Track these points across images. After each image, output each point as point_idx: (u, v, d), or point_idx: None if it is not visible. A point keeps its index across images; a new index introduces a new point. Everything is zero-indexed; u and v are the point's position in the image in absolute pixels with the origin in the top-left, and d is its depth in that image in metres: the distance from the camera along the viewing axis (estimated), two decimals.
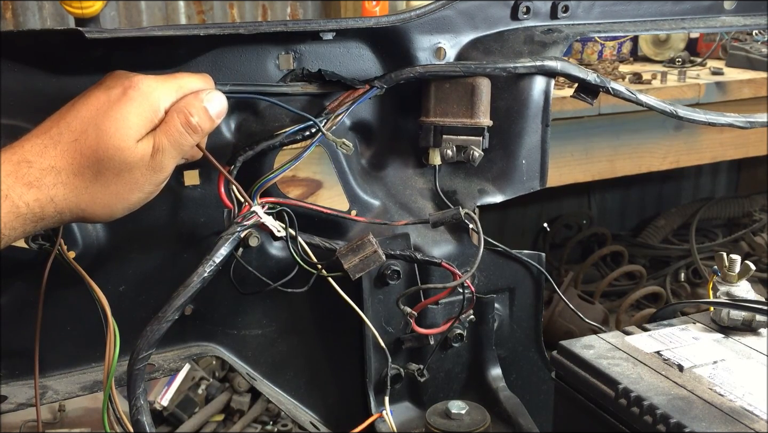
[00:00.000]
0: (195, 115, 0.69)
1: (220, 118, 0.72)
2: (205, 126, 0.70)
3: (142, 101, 0.68)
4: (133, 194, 0.69)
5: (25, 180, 0.64)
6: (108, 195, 0.67)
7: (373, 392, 0.94)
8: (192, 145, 0.71)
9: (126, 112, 0.67)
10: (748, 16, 1.06)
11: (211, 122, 0.71)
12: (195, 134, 0.70)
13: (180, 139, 0.69)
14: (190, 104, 0.70)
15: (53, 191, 0.65)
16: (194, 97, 0.71)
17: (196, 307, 0.89)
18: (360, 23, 0.84)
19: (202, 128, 0.70)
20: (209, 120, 0.71)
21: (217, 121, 0.72)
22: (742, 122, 1.01)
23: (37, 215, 0.65)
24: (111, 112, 0.67)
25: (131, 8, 2.15)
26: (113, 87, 0.69)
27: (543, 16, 0.95)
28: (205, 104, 0.70)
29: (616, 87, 0.91)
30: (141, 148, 0.67)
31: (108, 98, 0.68)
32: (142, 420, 0.73)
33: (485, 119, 0.88)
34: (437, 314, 0.93)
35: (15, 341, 0.83)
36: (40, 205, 0.65)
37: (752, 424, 0.65)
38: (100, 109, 0.67)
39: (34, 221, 0.65)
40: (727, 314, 0.81)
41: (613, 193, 2.96)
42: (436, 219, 0.86)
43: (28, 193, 0.64)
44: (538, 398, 1.02)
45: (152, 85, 0.69)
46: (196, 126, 0.69)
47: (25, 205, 0.64)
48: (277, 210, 0.81)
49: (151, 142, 0.68)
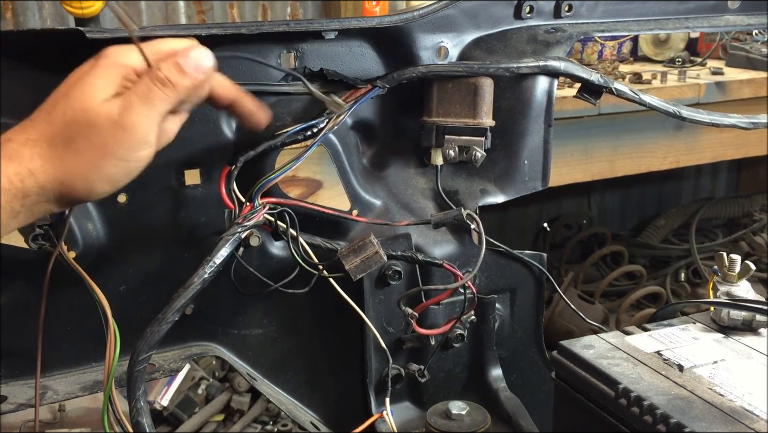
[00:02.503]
0: (163, 68, 0.67)
1: (200, 72, 0.68)
2: (176, 78, 0.67)
3: (110, 65, 0.67)
4: (107, 161, 0.66)
5: (5, 154, 0.64)
6: (81, 163, 0.66)
7: (373, 392, 0.94)
8: (168, 102, 0.67)
9: (93, 77, 0.67)
10: (752, 15, 1.06)
11: (185, 75, 0.67)
12: (166, 88, 0.67)
13: (149, 94, 0.66)
14: (161, 60, 0.68)
15: (31, 164, 0.65)
16: (168, 54, 0.69)
17: (196, 307, 0.89)
18: (363, 23, 0.84)
19: (172, 81, 0.67)
20: (181, 72, 0.67)
21: (197, 74, 0.68)
22: (745, 123, 1.01)
23: (20, 190, 0.64)
24: (80, 80, 0.67)
25: (131, 8, 2.15)
26: (87, 63, 0.69)
27: (546, 16, 0.95)
28: (178, 59, 0.67)
29: (619, 87, 0.91)
30: (107, 107, 0.66)
31: (80, 71, 0.68)
32: (142, 422, 0.73)
33: (488, 119, 0.88)
34: (438, 315, 0.93)
35: (15, 341, 0.83)
36: (20, 179, 0.64)
37: (752, 424, 0.65)
38: (72, 82, 0.68)
39: (19, 197, 0.64)
40: (727, 314, 0.81)
41: (613, 193, 2.96)
42: (438, 220, 0.86)
43: (8, 167, 0.64)
44: (538, 398, 1.02)
45: (121, 51, 0.68)
46: (164, 78, 0.66)
47: (7, 180, 0.63)
48: (278, 211, 0.81)
49: (118, 101, 0.66)
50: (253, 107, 0.76)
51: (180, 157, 0.84)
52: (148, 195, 0.84)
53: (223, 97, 0.74)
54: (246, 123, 0.77)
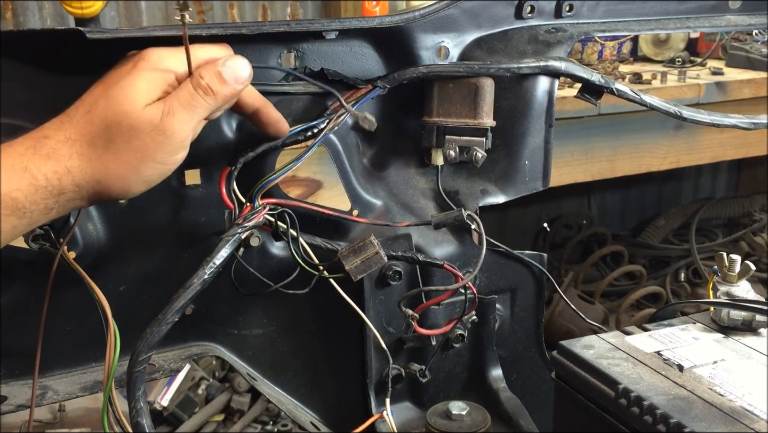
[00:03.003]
0: (206, 77, 0.69)
1: (239, 82, 0.71)
2: (217, 87, 0.69)
3: (152, 69, 0.69)
4: (145, 163, 0.68)
5: (43, 152, 0.65)
6: (120, 165, 0.67)
7: (373, 393, 0.94)
8: (207, 109, 0.70)
9: (135, 79, 0.68)
10: (753, 15, 1.06)
11: (226, 85, 0.70)
12: (207, 96, 0.69)
13: (191, 101, 0.68)
14: (203, 68, 0.70)
15: (69, 162, 0.66)
16: (209, 62, 0.71)
17: (196, 307, 0.89)
18: (364, 23, 0.84)
19: (213, 90, 0.69)
20: (222, 82, 0.70)
21: (236, 85, 0.71)
22: (746, 123, 1.01)
23: (56, 188, 0.66)
24: (121, 82, 0.68)
25: (131, 8, 2.15)
26: (125, 63, 0.70)
27: (547, 15, 0.95)
28: (219, 68, 0.70)
29: (620, 88, 0.91)
30: (149, 111, 0.67)
31: (119, 72, 0.69)
32: (142, 422, 0.73)
33: (488, 120, 0.88)
34: (439, 315, 0.93)
35: (15, 341, 0.82)
36: (58, 177, 0.65)
37: (752, 424, 0.65)
38: (111, 82, 0.69)
39: (55, 194, 0.66)
40: (727, 314, 0.81)
41: (613, 193, 2.96)
42: (439, 220, 0.86)
43: (46, 164, 0.65)
44: (538, 398, 1.02)
45: (162, 54, 0.70)
46: (206, 87, 0.69)
47: (44, 177, 0.65)
48: (278, 211, 0.81)
49: (160, 106, 0.68)
50: (277, 116, 0.79)
51: None
52: (148, 195, 0.83)
53: (250, 105, 0.77)
54: (269, 131, 0.80)
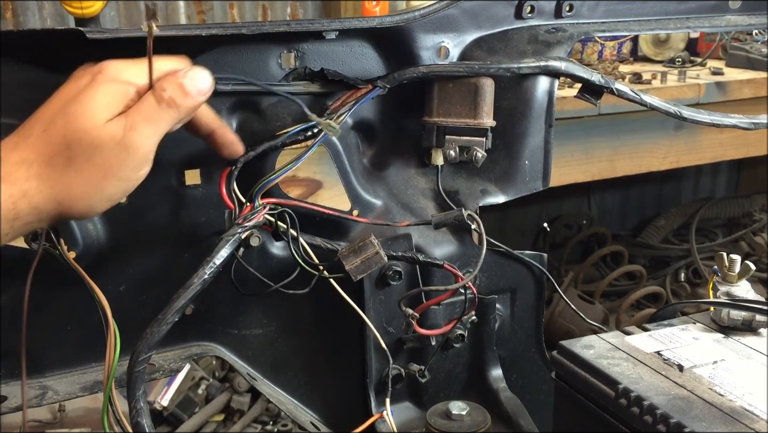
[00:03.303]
0: (168, 89, 0.67)
1: (201, 94, 0.69)
2: (180, 100, 0.67)
3: (111, 83, 0.66)
4: (108, 181, 0.66)
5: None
6: (82, 183, 0.65)
7: (373, 393, 0.94)
8: (170, 123, 0.68)
9: (93, 93, 0.65)
10: (753, 15, 1.06)
11: (189, 97, 0.68)
12: (170, 109, 0.67)
13: (153, 115, 0.66)
14: (164, 80, 0.68)
15: (26, 185, 0.63)
16: (170, 74, 0.68)
17: (196, 306, 0.89)
18: (364, 23, 0.84)
19: (176, 102, 0.67)
20: (185, 94, 0.67)
21: (198, 97, 0.69)
22: (746, 123, 1.01)
23: (11, 213, 0.63)
24: (79, 97, 0.65)
25: (131, 8, 2.15)
26: (82, 77, 0.68)
27: (547, 15, 0.95)
28: (180, 80, 0.68)
29: (620, 88, 0.91)
30: (111, 127, 0.65)
31: (77, 86, 0.67)
32: (142, 422, 0.73)
33: (488, 120, 0.88)
34: (439, 315, 0.93)
35: (15, 341, 0.82)
36: (13, 202, 0.63)
37: (752, 424, 0.65)
38: (69, 97, 0.66)
39: (9, 219, 0.63)
40: (727, 314, 0.81)
41: (613, 193, 2.96)
42: (439, 221, 0.86)
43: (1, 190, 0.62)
44: (538, 398, 1.02)
45: (120, 68, 0.68)
46: (170, 99, 0.67)
47: None
48: (278, 211, 0.81)
49: (122, 121, 0.66)
50: (232, 138, 0.78)
51: (180, 157, 0.84)
52: (148, 195, 0.84)
53: (206, 126, 0.76)
54: (224, 153, 0.78)
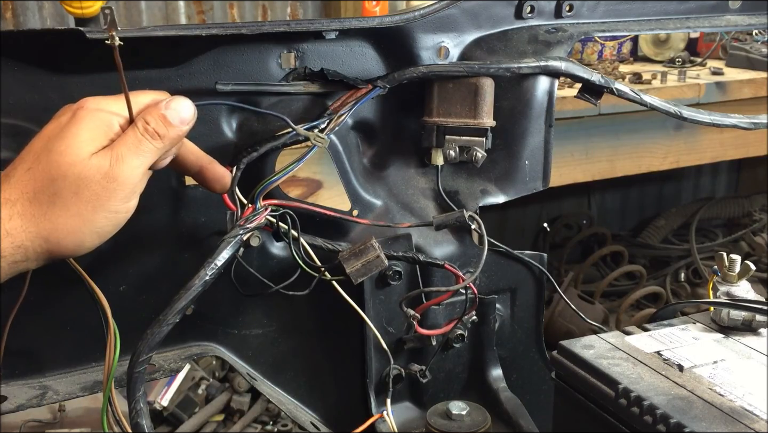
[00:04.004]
0: (151, 122, 0.68)
1: (185, 123, 0.70)
2: (163, 131, 0.68)
3: (93, 118, 0.66)
4: (98, 214, 0.66)
5: None
6: (70, 218, 0.65)
7: (373, 393, 0.94)
8: (156, 154, 0.68)
9: (77, 129, 0.65)
10: (753, 15, 1.06)
11: (172, 127, 0.69)
12: (154, 140, 0.68)
13: (139, 146, 0.67)
14: (146, 112, 0.68)
15: (9, 225, 0.63)
16: (151, 106, 0.69)
17: (196, 307, 0.89)
18: (364, 23, 0.84)
19: (159, 133, 0.68)
20: (168, 125, 0.68)
21: (182, 126, 0.69)
22: (746, 123, 1.01)
23: None
24: (61, 133, 0.65)
25: (131, 8, 2.15)
26: (63, 114, 0.68)
27: (547, 15, 0.95)
28: (162, 111, 0.68)
29: (620, 88, 0.91)
30: (96, 160, 0.65)
31: (58, 124, 0.67)
32: (142, 423, 0.73)
33: (488, 120, 0.88)
34: (439, 315, 0.93)
35: (15, 341, 0.82)
36: None
37: (752, 424, 0.65)
38: (51, 135, 0.66)
39: None
40: (727, 314, 0.81)
41: (613, 193, 2.96)
42: (440, 222, 0.86)
43: None
44: (538, 398, 1.02)
45: (101, 102, 0.68)
46: (153, 131, 0.67)
47: None
48: (279, 212, 0.81)
49: (108, 154, 0.66)
50: (222, 171, 0.78)
51: None
52: (149, 195, 0.83)
53: (194, 164, 0.76)
54: (216, 187, 0.78)
